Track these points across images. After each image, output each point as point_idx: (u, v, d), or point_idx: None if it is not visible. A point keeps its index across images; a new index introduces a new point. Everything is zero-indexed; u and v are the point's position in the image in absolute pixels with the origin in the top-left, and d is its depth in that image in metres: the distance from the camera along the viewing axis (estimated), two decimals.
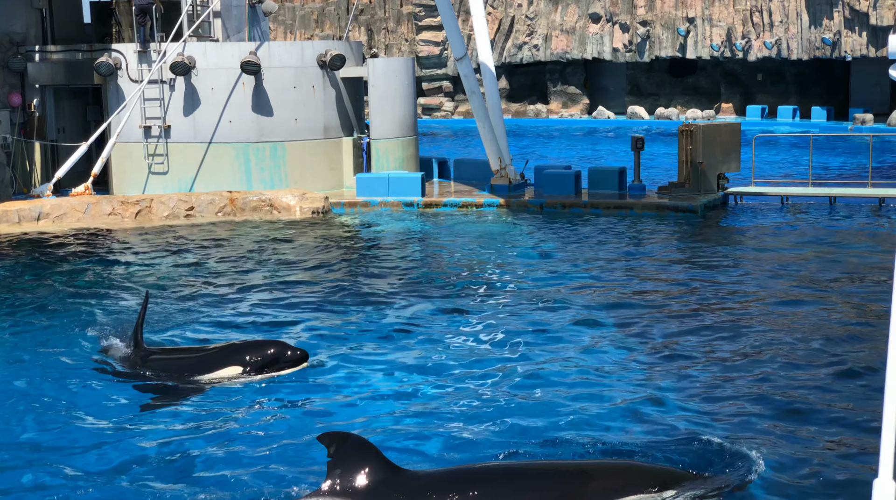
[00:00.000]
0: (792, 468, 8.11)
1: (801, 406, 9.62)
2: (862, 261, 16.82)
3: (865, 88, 44.29)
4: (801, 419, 9.27)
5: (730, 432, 8.92)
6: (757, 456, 7.86)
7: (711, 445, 8.34)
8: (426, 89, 50.92)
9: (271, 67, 24.49)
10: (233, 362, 10.58)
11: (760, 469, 7.64)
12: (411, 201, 23.50)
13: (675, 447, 8.43)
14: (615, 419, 9.35)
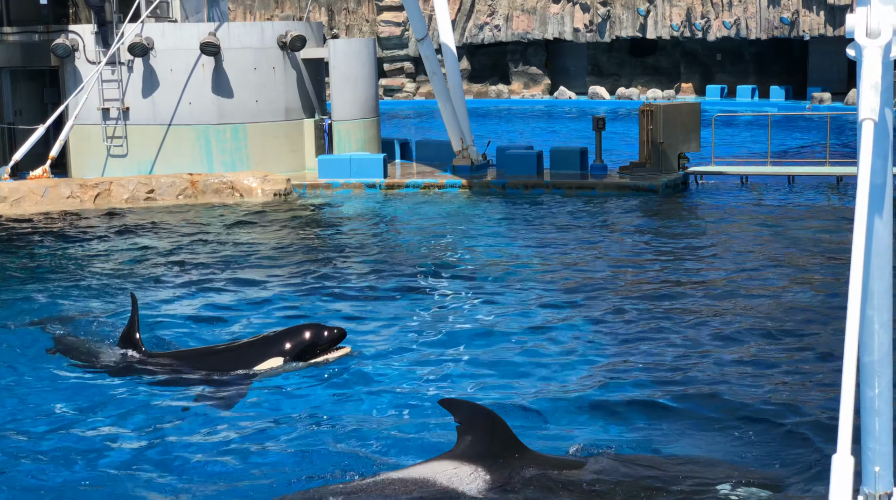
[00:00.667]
0: (754, 447, 8.24)
1: (753, 382, 9.76)
2: (820, 238, 17.04)
3: (823, 67, 44.71)
4: (752, 396, 9.41)
5: (686, 405, 9.05)
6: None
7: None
8: (387, 70, 50.78)
9: (231, 48, 24.33)
10: (272, 353, 10.23)
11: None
12: (373, 183, 23.48)
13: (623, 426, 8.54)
14: (580, 399, 9.44)
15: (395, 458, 7.98)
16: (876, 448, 4.44)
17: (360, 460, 7.89)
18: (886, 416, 4.43)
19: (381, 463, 7.76)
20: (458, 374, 10.21)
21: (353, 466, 7.68)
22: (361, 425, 8.74)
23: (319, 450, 8.21)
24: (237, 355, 10.35)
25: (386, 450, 8.18)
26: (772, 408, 9.01)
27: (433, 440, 8.30)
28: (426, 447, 8.08)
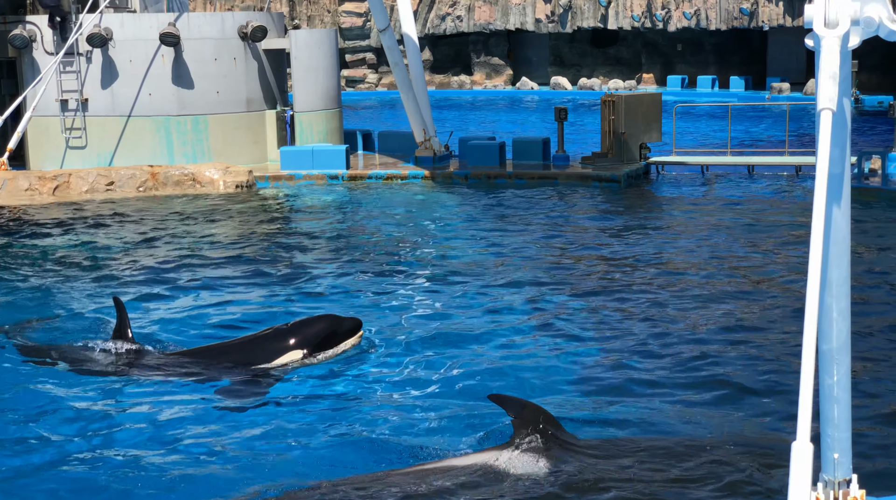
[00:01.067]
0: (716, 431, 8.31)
1: (716, 368, 9.84)
2: (779, 228, 17.19)
3: (782, 57, 45.05)
4: (718, 383, 9.49)
5: (643, 394, 9.10)
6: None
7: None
8: (349, 61, 50.58)
9: (191, 39, 24.13)
10: (292, 346, 10.03)
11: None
12: (336, 174, 23.40)
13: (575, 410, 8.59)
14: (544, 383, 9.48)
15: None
16: (835, 435, 4.50)
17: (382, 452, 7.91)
18: (845, 403, 4.48)
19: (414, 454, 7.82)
20: (426, 363, 10.21)
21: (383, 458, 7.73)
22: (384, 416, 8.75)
23: (350, 442, 8.21)
24: (255, 350, 10.08)
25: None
26: (729, 396, 9.09)
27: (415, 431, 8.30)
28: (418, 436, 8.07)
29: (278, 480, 7.49)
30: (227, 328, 11.65)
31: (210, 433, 8.52)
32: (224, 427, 8.66)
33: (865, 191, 19.28)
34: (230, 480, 7.57)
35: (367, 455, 7.87)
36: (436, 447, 7.93)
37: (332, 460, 7.86)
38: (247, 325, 11.67)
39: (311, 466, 7.75)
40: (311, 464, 7.80)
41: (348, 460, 7.81)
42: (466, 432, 8.25)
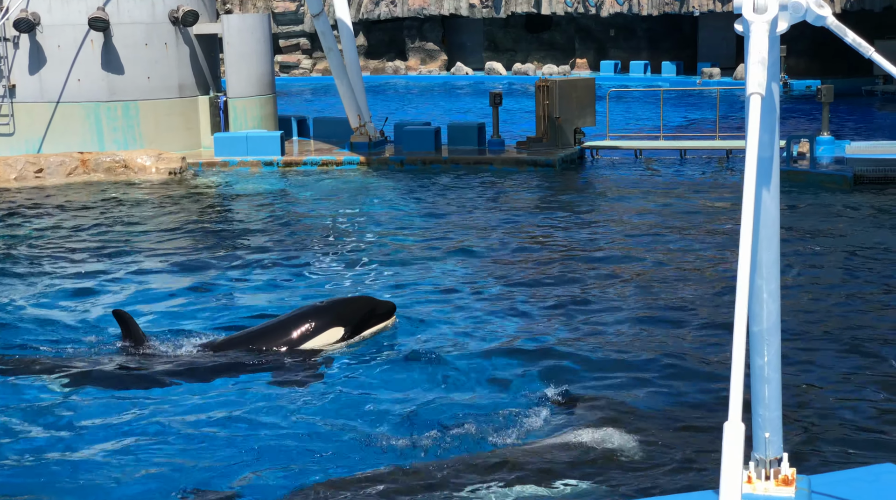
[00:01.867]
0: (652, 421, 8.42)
1: (643, 349, 9.96)
2: (710, 210, 17.43)
3: (713, 42, 45.58)
4: (645, 365, 9.61)
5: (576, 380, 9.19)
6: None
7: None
8: (283, 47, 50.17)
9: (121, 24, 23.76)
10: (332, 323, 9.91)
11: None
12: (271, 160, 23.23)
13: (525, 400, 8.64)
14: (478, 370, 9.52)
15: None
16: (766, 415, 4.57)
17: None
18: (775, 383, 4.56)
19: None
20: (367, 351, 10.20)
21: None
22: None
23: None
24: (294, 329, 9.86)
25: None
26: (663, 378, 9.21)
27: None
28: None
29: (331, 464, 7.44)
30: (163, 319, 11.52)
31: (268, 421, 8.33)
32: (271, 414, 8.48)
33: (794, 174, 19.60)
34: (294, 462, 7.48)
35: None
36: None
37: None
38: (184, 316, 11.54)
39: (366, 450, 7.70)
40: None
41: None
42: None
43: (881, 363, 9.51)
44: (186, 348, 9.98)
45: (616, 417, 8.15)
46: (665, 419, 8.22)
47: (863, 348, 9.97)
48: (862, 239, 14.76)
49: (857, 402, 8.56)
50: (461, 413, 8.31)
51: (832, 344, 10.12)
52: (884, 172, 19.08)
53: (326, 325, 9.92)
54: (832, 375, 9.27)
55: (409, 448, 7.68)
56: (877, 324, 10.76)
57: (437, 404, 8.62)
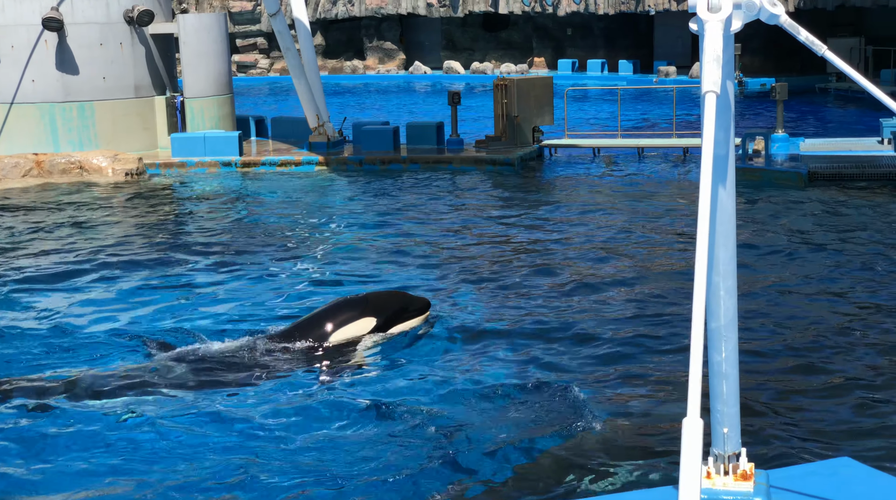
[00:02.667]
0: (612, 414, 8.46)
1: (608, 345, 10.02)
2: (668, 207, 17.56)
3: (668, 41, 45.89)
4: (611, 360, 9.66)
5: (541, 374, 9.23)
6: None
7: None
8: (240, 46, 49.88)
9: (75, 24, 23.51)
10: (362, 315, 9.91)
11: None
12: (229, 161, 23.10)
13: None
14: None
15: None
16: (724, 410, 4.61)
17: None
18: (733, 379, 4.59)
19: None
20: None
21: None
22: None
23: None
24: (327, 321, 9.86)
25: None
26: (620, 375, 9.27)
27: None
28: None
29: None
30: (118, 324, 11.41)
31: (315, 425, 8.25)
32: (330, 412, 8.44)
33: (750, 171, 19.79)
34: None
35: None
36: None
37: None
38: (141, 318, 11.44)
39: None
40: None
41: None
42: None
43: (837, 358, 9.63)
44: (220, 347, 9.86)
45: (573, 414, 8.19)
46: (623, 416, 8.27)
47: (819, 342, 10.09)
48: (816, 235, 14.93)
49: (815, 396, 8.67)
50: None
51: (789, 339, 10.23)
52: (837, 168, 19.31)
53: (358, 315, 9.93)
54: (790, 370, 9.37)
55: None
56: (831, 318, 10.89)
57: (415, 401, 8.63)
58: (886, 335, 10.29)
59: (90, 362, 9.89)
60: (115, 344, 10.40)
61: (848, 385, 8.89)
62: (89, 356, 10.07)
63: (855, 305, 11.42)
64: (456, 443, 7.69)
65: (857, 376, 9.12)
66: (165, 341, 10.14)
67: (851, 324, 10.68)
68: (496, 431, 7.97)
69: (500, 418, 8.27)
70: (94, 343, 10.45)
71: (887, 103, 4.18)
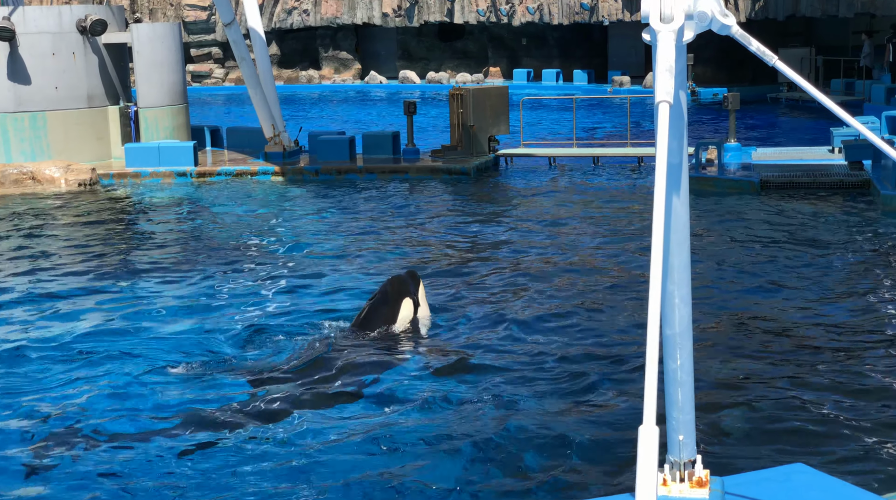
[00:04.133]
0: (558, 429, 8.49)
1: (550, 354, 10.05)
2: (623, 216, 17.67)
3: (622, 51, 46.22)
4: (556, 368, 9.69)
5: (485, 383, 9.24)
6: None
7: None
8: (195, 56, 49.58)
9: (27, 33, 23.26)
10: (400, 299, 10.70)
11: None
12: (184, 171, 22.93)
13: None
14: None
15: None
16: (680, 418, 4.64)
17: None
18: (688, 386, 4.63)
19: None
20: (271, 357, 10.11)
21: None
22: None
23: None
24: (379, 315, 10.61)
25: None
26: (576, 383, 9.30)
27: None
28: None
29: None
30: (74, 335, 11.28)
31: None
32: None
33: (703, 180, 19.97)
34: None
35: None
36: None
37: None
38: (95, 334, 11.30)
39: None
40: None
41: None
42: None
43: (790, 364, 9.73)
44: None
45: (528, 421, 8.20)
46: (579, 424, 8.30)
47: (773, 348, 10.20)
48: (769, 242, 15.09)
49: (768, 403, 8.75)
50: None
51: (744, 346, 10.33)
52: (789, 177, 19.54)
53: (397, 302, 10.73)
54: (743, 376, 9.46)
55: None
56: (786, 322, 11.01)
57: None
58: (838, 341, 10.42)
59: (31, 378, 9.77)
60: (62, 358, 10.29)
61: (801, 392, 8.98)
62: (34, 369, 9.94)
63: (809, 311, 11.55)
64: (404, 456, 7.68)
65: (810, 383, 9.22)
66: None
67: (804, 330, 10.80)
68: (451, 443, 7.97)
69: (458, 428, 8.27)
70: (39, 359, 10.32)
71: (837, 113, 4.24)
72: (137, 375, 9.74)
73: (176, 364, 9.99)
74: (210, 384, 9.44)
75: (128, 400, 9.12)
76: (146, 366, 10.01)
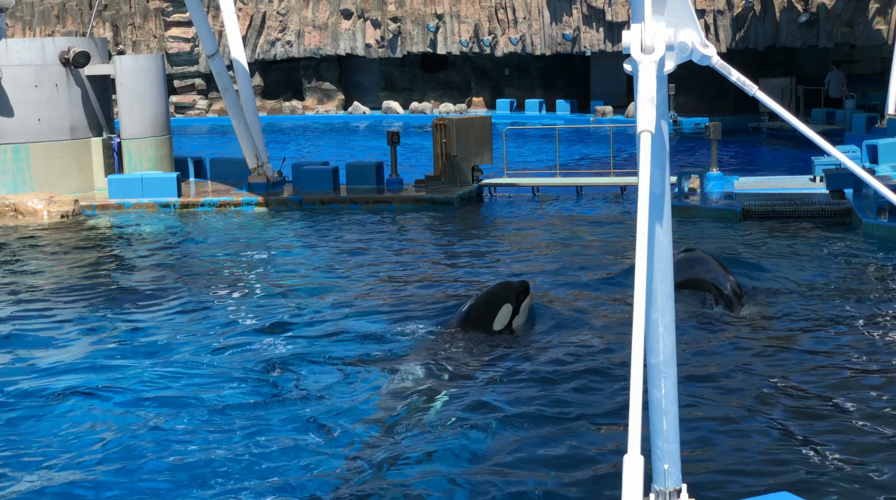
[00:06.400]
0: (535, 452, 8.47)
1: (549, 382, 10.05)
2: (606, 245, 17.70)
3: (604, 81, 46.45)
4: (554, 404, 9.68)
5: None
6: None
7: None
8: (178, 87, 49.59)
9: (9, 66, 23.25)
10: (501, 303, 11.67)
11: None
12: (167, 202, 22.90)
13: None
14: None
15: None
16: (664, 447, 4.64)
17: None
18: (673, 415, 4.64)
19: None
20: (270, 388, 10.07)
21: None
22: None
23: None
24: (480, 317, 11.58)
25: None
26: (562, 413, 9.29)
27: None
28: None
29: None
30: (54, 369, 11.21)
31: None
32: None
33: (686, 209, 20.05)
34: None
35: None
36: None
37: None
38: (79, 366, 11.24)
39: None
40: None
41: None
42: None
43: (776, 392, 9.74)
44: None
45: (512, 452, 8.18)
46: (564, 454, 8.28)
47: (755, 375, 10.21)
48: (751, 270, 15.13)
49: (753, 432, 8.75)
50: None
51: (726, 373, 10.33)
52: (770, 206, 19.65)
53: (497, 305, 11.66)
54: (728, 405, 9.46)
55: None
56: (768, 352, 11.03)
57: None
58: (822, 369, 10.45)
59: (23, 407, 9.69)
60: (45, 389, 10.23)
61: (786, 420, 8.99)
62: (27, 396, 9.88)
63: (792, 339, 11.57)
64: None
65: (795, 411, 9.23)
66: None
67: (788, 357, 10.82)
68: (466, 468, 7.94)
69: (449, 457, 8.25)
70: (28, 389, 10.25)
71: (818, 142, 4.28)
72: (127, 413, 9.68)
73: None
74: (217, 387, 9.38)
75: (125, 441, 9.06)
76: (131, 398, 9.95)
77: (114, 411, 9.72)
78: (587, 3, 43.31)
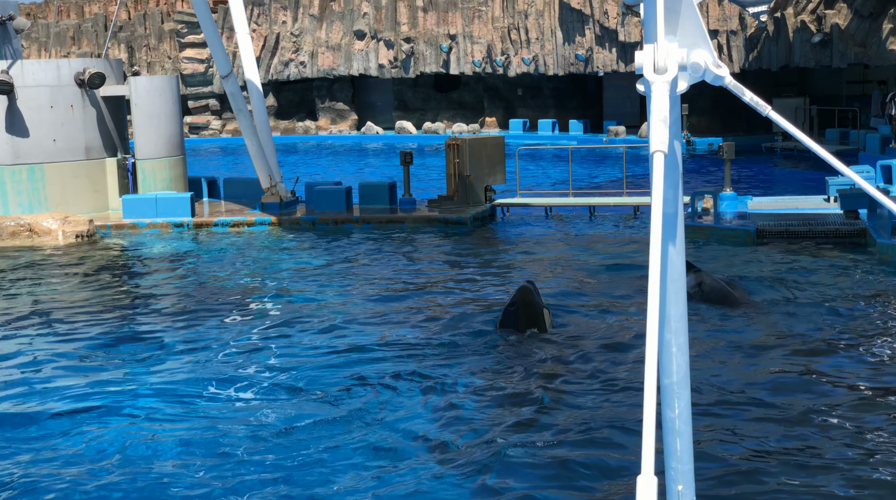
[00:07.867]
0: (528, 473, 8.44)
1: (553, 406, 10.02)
2: (619, 265, 17.65)
3: (617, 101, 46.51)
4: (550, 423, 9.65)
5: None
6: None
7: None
8: (192, 108, 49.84)
9: (25, 87, 23.41)
10: (542, 307, 12.69)
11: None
12: (181, 222, 22.97)
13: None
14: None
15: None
16: (678, 468, 4.61)
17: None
18: (687, 436, 4.61)
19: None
20: (291, 404, 10.06)
21: None
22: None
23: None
24: (526, 317, 12.52)
25: None
26: (575, 434, 9.26)
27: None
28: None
29: None
30: (70, 391, 11.23)
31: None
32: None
33: (699, 229, 20.01)
34: None
35: None
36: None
37: None
38: (96, 385, 11.26)
39: None
40: None
41: None
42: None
43: (788, 413, 9.69)
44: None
45: (526, 472, 8.15)
46: (578, 475, 8.25)
47: (769, 397, 10.16)
48: (766, 291, 15.08)
49: (767, 453, 8.70)
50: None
51: (740, 394, 10.29)
52: (784, 226, 19.59)
53: (541, 311, 12.66)
54: (742, 426, 9.42)
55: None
56: (783, 371, 10.98)
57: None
58: (836, 388, 10.39)
59: (44, 435, 9.71)
60: (69, 411, 10.25)
61: (799, 442, 8.94)
62: (45, 419, 9.89)
63: (806, 360, 11.52)
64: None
65: (810, 431, 9.18)
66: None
67: (801, 377, 10.77)
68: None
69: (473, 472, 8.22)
70: (45, 411, 10.28)
71: (831, 162, 4.26)
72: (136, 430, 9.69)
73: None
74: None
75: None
76: (145, 419, 9.97)
77: (129, 430, 9.74)
78: (600, 24, 43.40)
